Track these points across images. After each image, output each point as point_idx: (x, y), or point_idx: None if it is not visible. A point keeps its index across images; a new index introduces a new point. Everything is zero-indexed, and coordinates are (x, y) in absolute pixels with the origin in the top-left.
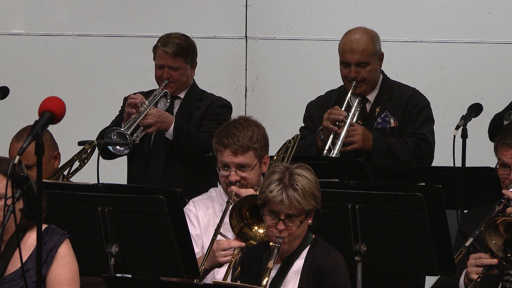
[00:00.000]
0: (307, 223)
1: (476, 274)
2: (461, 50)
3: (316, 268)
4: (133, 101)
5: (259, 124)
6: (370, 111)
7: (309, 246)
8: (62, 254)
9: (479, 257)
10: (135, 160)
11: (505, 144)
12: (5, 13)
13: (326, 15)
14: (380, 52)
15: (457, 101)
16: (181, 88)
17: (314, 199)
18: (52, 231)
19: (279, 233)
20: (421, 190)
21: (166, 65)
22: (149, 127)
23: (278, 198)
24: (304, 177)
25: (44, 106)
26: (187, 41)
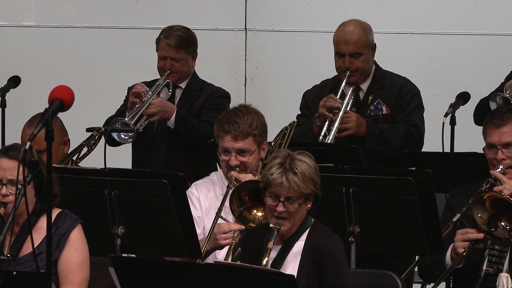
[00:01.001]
0: (306, 207)
1: (463, 248)
2: (450, 41)
3: (316, 250)
4: (136, 90)
5: (258, 111)
6: (363, 99)
7: (309, 229)
8: (74, 239)
9: (466, 232)
10: (139, 147)
11: (492, 124)
12: (17, 6)
13: (322, 8)
14: (372, 43)
15: (446, 90)
16: (183, 78)
17: (313, 184)
18: (65, 216)
19: (278, 214)
20: (411, 175)
21: (169, 56)
22: (152, 116)
23: (278, 181)
24: (304, 163)
25: (54, 94)
26: (188, 33)
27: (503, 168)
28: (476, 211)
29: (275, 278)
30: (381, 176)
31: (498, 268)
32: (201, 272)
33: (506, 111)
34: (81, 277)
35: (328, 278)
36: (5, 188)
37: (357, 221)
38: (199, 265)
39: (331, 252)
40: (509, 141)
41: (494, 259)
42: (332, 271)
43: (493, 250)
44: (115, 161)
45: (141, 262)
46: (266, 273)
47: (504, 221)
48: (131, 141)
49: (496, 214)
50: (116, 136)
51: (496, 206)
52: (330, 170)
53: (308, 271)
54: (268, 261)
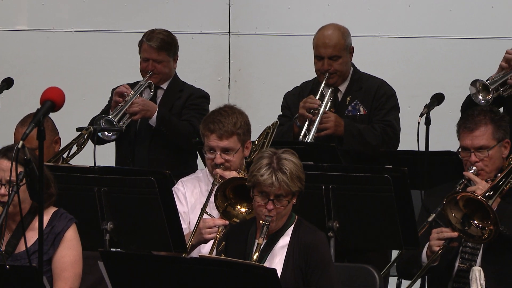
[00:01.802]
0: (293, 203)
1: (438, 247)
2: (425, 44)
3: (302, 245)
4: (120, 90)
5: (242, 112)
6: (342, 100)
7: (294, 225)
8: (69, 238)
9: (441, 231)
10: (122, 145)
11: (466, 128)
12: (10, 11)
13: (302, 13)
14: (350, 47)
15: (421, 91)
16: (164, 79)
17: (300, 181)
18: (60, 216)
19: (268, 212)
20: (388, 172)
21: (151, 58)
22: (135, 115)
23: (269, 181)
24: (291, 161)
25: (46, 95)
26: (169, 36)
27: (476, 169)
28: (450, 211)
29: (258, 271)
30: (359, 174)
31: (470, 264)
32: (186, 266)
33: (478, 114)
34: (74, 274)
35: (313, 273)
36: (4, 188)
37: (336, 217)
38: (184, 259)
39: (316, 248)
40: (482, 144)
41: (467, 256)
42: (318, 266)
43: (466, 248)
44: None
45: (129, 256)
46: (248, 266)
47: (477, 220)
48: (114, 138)
49: (469, 214)
50: (100, 134)
51: (469, 206)
52: (310, 168)
53: (293, 266)
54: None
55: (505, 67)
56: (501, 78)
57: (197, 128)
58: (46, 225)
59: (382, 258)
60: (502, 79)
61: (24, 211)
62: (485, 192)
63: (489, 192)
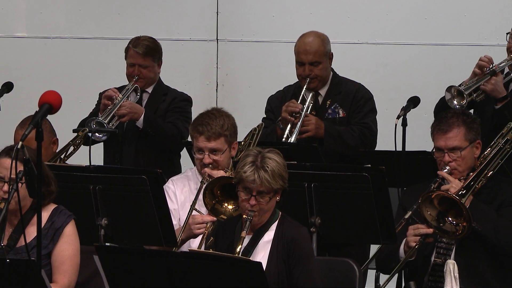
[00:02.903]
0: (275, 199)
1: (414, 242)
2: (402, 50)
3: (286, 239)
4: (109, 94)
5: (229, 114)
6: (322, 104)
7: (278, 221)
8: (68, 233)
9: (417, 227)
10: (110, 145)
11: (440, 130)
12: (10, 19)
13: (286, 21)
14: (330, 53)
15: (398, 94)
16: (149, 83)
17: (282, 179)
18: (60, 212)
19: (251, 207)
20: (367, 171)
21: (137, 63)
22: (123, 117)
23: (251, 178)
24: (274, 160)
25: (44, 98)
26: (154, 43)
27: (450, 169)
28: (425, 208)
29: (244, 264)
30: (340, 173)
31: (445, 258)
32: (176, 260)
33: (451, 116)
34: (72, 267)
35: (296, 266)
36: (6, 185)
37: (318, 213)
38: (174, 253)
39: (299, 242)
40: (455, 145)
41: (442, 251)
42: (300, 259)
43: (441, 243)
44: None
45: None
46: (235, 260)
47: (451, 217)
48: (105, 139)
49: (443, 211)
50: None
51: (443, 204)
52: (293, 167)
53: (277, 259)
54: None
55: (478, 73)
56: (475, 84)
57: (181, 129)
58: (46, 220)
59: (361, 252)
60: (476, 85)
61: (25, 208)
62: (459, 191)
63: (462, 190)
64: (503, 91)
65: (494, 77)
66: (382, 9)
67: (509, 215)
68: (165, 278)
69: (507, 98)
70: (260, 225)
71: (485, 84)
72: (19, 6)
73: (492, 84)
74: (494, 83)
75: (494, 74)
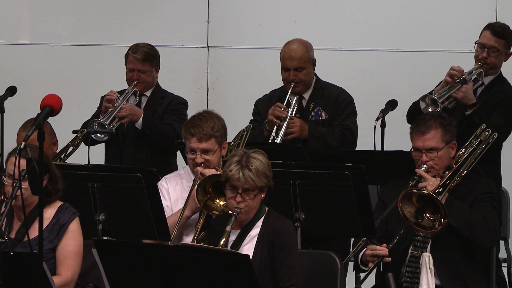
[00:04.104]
0: (261, 197)
1: (372, 263)
2: (380, 56)
3: (271, 230)
4: (109, 97)
5: (219, 116)
6: (306, 107)
7: (264, 216)
8: (72, 229)
9: (374, 248)
10: (111, 145)
11: (418, 131)
12: (14, 27)
13: (272, 29)
14: (313, 59)
15: (377, 98)
16: (148, 87)
17: (266, 178)
18: (65, 209)
19: (237, 204)
20: (348, 169)
21: (136, 69)
22: (123, 119)
23: (236, 176)
24: (258, 160)
25: (45, 102)
26: (152, 49)
27: (427, 167)
28: (404, 206)
29: (233, 257)
30: (322, 171)
31: (422, 251)
32: (169, 252)
33: (429, 119)
34: (76, 262)
35: (278, 255)
36: None
37: (302, 209)
38: (168, 247)
39: (283, 233)
40: (432, 146)
41: (418, 244)
42: (282, 249)
43: (418, 236)
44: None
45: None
46: (224, 253)
47: (428, 213)
48: (106, 139)
49: (421, 207)
50: (93, 136)
51: (421, 201)
52: (279, 165)
53: (263, 251)
54: (228, 243)
55: (449, 82)
56: (447, 93)
57: (177, 130)
58: (52, 217)
59: (342, 245)
60: (448, 93)
61: (33, 204)
62: (436, 189)
63: (439, 188)
64: (473, 98)
65: (464, 85)
66: (362, 18)
67: (481, 211)
68: (159, 270)
69: (477, 104)
70: (247, 221)
71: (456, 92)
72: (23, 15)
73: (463, 92)
74: (464, 91)
75: (465, 83)
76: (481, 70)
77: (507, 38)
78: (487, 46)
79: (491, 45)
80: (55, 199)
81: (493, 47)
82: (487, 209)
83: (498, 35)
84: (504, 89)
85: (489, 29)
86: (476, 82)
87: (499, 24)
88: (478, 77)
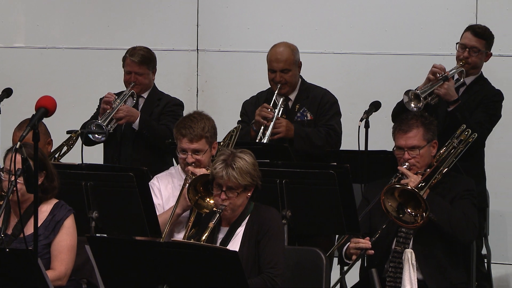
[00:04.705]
0: (246, 195)
1: (355, 255)
2: (364, 59)
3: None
4: (107, 99)
5: (209, 117)
6: (292, 107)
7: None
8: (67, 225)
9: (358, 241)
10: (110, 146)
11: (401, 130)
12: (10, 31)
13: (259, 32)
14: (299, 61)
15: (361, 99)
16: (144, 89)
17: (250, 177)
18: (61, 206)
19: (222, 201)
20: (333, 168)
21: (133, 71)
22: (120, 120)
23: (220, 174)
24: (243, 159)
25: (40, 103)
26: (149, 52)
27: (409, 165)
28: (387, 200)
29: (221, 253)
30: (308, 170)
31: (404, 246)
32: (160, 249)
33: (411, 118)
34: (70, 257)
35: (263, 240)
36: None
37: (289, 207)
38: (159, 243)
39: (270, 220)
40: (414, 145)
41: (401, 240)
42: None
43: (401, 232)
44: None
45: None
46: (213, 249)
47: (410, 208)
48: (103, 140)
49: (403, 203)
50: (91, 136)
51: (403, 196)
52: (266, 165)
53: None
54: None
55: (432, 79)
56: (430, 89)
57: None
58: (48, 213)
59: (327, 241)
60: (430, 89)
61: (30, 200)
62: (418, 184)
63: (422, 183)
64: (455, 95)
65: (446, 82)
66: (346, 22)
67: (461, 207)
68: (150, 266)
69: (458, 101)
70: (234, 219)
71: (438, 88)
72: (19, 19)
73: (445, 88)
74: (446, 87)
75: (446, 80)
76: (462, 68)
77: (488, 39)
78: (468, 46)
79: (472, 45)
80: (51, 196)
81: (474, 47)
82: (467, 205)
83: (479, 36)
84: (485, 88)
85: (470, 30)
86: (458, 81)
87: (479, 26)
88: (459, 76)
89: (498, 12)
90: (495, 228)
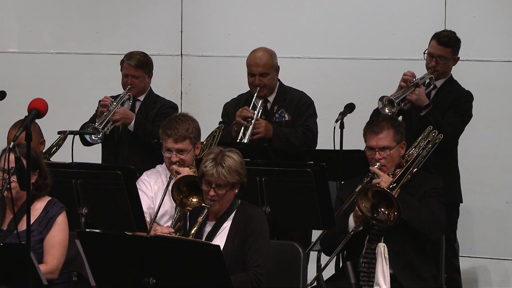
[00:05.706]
0: (234, 192)
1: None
2: (339, 64)
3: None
4: (104, 102)
5: (194, 119)
6: (270, 109)
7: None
8: (59, 222)
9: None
10: (107, 146)
11: (372, 131)
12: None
13: (240, 38)
14: (277, 65)
15: (336, 101)
16: (141, 92)
17: (238, 175)
18: (54, 204)
19: (210, 197)
20: (310, 167)
21: (130, 74)
22: (116, 122)
23: (210, 172)
24: (232, 158)
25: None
26: (145, 57)
27: (380, 165)
28: (360, 201)
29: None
30: (286, 168)
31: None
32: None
33: (382, 120)
34: (61, 252)
35: (248, 239)
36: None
37: (268, 203)
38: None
39: (254, 219)
40: (385, 145)
41: (373, 237)
42: (253, 233)
43: (373, 230)
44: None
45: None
46: (196, 243)
47: (383, 207)
48: (100, 141)
49: (376, 203)
50: (88, 138)
51: (376, 196)
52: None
53: (235, 239)
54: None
55: (404, 86)
56: (402, 95)
57: None
58: (41, 210)
59: (304, 236)
60: (403, 95)
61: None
62: (390, 184)
63: (393, 184)
64: (426, 100)
65: (417, 88)
66: (322, 28)
67: (429, 205)
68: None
69: (430, 105)
70: (221, 213)
71: (410, 94)
72: (11, 26)
73: (416, 94)
74: (418, 93)
75: (417, 86)
76: (432, 75)
77: (453, 46)
78: (434, 55)
79: (438, 54)
80: (44, 193)
81: (440, 56)
82: (434, 204)
83: (444, 44)
84: (455, 89)
85: (435, 38)
86: (429, 86)
87: (444, 33)
88: (430, 81)
89: (465, 18)
90: (463, 223)
